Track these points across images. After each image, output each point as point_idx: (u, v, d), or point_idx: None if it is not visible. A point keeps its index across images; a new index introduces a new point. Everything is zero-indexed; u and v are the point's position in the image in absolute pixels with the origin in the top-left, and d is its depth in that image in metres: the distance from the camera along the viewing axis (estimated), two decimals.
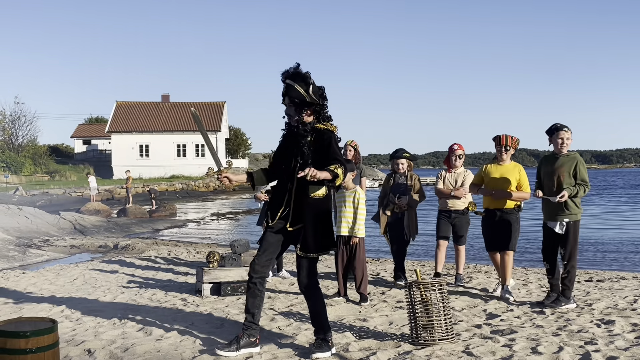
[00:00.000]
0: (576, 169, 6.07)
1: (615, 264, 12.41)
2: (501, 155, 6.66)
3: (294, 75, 4.49)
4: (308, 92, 4.45)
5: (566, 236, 6.12)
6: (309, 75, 4.49)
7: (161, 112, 61.07)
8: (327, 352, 4.55)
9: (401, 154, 7.61)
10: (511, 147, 6.62)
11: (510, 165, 6.67)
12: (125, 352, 4.74)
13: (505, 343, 4.84)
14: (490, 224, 6.66)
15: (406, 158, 7.60)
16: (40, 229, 17.18)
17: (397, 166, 7.58)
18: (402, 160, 7.57)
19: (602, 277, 8.57)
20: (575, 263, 6.17)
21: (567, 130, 6.17)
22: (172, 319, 5.84)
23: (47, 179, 53.33)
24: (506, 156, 6.65)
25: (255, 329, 4.68)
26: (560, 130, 6.16)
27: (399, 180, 7.57)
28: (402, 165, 7.56)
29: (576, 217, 6.16)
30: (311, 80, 4.48)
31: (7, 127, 58.83)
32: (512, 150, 6.64)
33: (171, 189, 47.37)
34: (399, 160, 7.57)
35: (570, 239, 6.12)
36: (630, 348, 4.62)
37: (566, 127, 6.19)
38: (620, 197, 39.89)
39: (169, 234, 19.62)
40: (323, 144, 4.49)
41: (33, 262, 11.46)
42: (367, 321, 5.69)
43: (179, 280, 8.37)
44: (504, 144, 6.61)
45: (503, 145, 6.62)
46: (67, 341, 5.03)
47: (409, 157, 7.64)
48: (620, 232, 18.52)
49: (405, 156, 7.59)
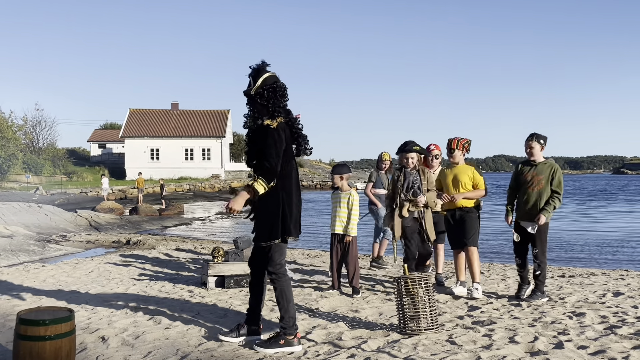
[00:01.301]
0: (552, 178, 6.09)
1: (586, 261, 12.43)
2: (450, 158, 6.57)
3: (253, 70, 4.31)
4: (253, 87, 4.23)
5: (538, 236, 6.14)
6: (260, 69, 4.27)
7: (171, 118, 60.99)
8: (278, 348, 4.32)
9: (411, 147, 6.33)
10: (457, 149, 6.49)
11: (463, 167, 6.54)
12: (137, 340, 4.72)
13: (485, 333, 4.84)
14: (453, 223, 6.56)
15: (417, 152, 6.36)
16: (59, 225, 17.13)
17: (407, 160, 6.28)
18: (412, 154, 6.29)
19: (574, 273, 8.58)
20: (545, 259, 6.20)
21: (532, 139, 6.17)
22: (180, 309, 5.82)
23: (65, 179, 53.20)
24: (457, 158, 6.53)
25: (295, 327, 4.45)
26: (527, 140, 6.22)
27: (410, 176, 6.26)
28: (412, 160, 6.28)
29: (549, 220, 6.18)
30: (262, 75, 4.24)
31: (29, 132, 58.69)
32: (461, 151, 6.51)
33: (179, 190, 47.31)
34: (408, 154, 6.27)
35: (541, 238, 6.16)
36: (599, 338, 4.63)
37: (535, 136, 6.19)
38: (591, 201, 40.01)
39: (177, 231, 19.56)
40: (258, 141, 4.25)
41: (52, 255, 11.42)
42: (358, 312, 5.69)
43: (186, 274, 8.35)
44: (451, 147, 6.54)
45: (450, 148, 6.55)
46: (82, 329, 5.02)
47: (419, 150, 6.41)
48: (590, 232, 18.58)
49: (416, 149, 6.36)
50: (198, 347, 4.53)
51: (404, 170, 6.28)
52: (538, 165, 6.17)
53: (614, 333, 4.76)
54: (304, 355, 4.26)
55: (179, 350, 4.43)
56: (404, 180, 6.21)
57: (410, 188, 6.17)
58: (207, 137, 59.16)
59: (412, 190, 6.17)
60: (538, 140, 6.18)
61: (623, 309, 5.74)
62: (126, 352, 4.41)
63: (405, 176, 6.23)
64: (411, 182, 6.19)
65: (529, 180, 6.15)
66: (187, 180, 54.73)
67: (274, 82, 4.28)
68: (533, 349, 4.38)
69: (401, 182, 6.21)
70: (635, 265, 11.41)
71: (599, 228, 20.16)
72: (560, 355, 4.17)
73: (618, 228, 20.43)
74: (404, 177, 6.23)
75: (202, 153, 59.52)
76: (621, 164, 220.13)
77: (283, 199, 4.28)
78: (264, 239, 4.35)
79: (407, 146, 6.30)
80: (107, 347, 4.54)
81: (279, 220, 4.28)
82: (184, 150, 59.27)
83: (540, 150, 6.20)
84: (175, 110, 62.49)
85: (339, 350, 4.38)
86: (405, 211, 6.13)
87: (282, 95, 4.31)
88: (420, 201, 6.13)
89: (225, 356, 4.29)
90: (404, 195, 6.16)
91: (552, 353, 4.23)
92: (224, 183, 54.38)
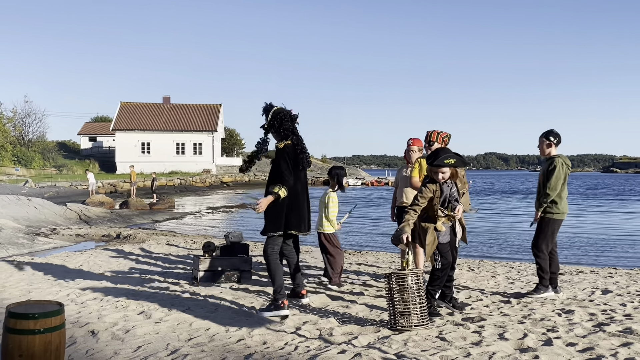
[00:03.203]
0: (548, 174, 6.13)
1: (574, 259, 12.52)
2: (428, 150, 6.44)
3: (263, 109, 5.56)
4: (267, 122, 5.49)
5: (537, 229, 6.22)
6: (268, 107, 5.54)
7: (162, 112, 60.71)
8: (271, 312, 5.25)
9: (443, 160, 5.10)
10: (435, 142, 6.36)
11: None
12: (127, 334, 4.71)
13: (475, 329, 4.86)
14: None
15: (450, 166, 5.14)
16: (48, 218, 17.02)
17: (438, 176, 5.16)
18: (445, 169, 5.15)
19: (563, 271, 8.63)
20: (540, 254, 6.16)
21: (542, 137, 6.31)
22: (170, 304, 5.81)
23: (55, 172, 52.85)
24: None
25: (282, 294, 5.33)
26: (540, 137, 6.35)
27: (448, 189, 5.23)
28: (444, 175, 5.17)
29: (551, 215, 6.14)
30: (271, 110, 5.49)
31: (18, 124, 58.25)
32: (440, 144, 6.34)
33: (170, 184, 47.12)
34: (439, 170, 5.14)
35: (537, 232, 6.20)
36: (587, 335, 4.67)
37: (544, 134, 6.30)
38: (580, 200, 40.27)
39: (167, 225, 19.49)
40: (276, 159, 5.45)
41: (41, 249, 11.35)
42: (349, 308, 5.70)
43: (177, 268, 8.33)
44: (430, 139, 6.41)
45: (429, 141, 6.43)
46: (72, 323, 5.00)
47: (453, 164, 5.14)
48: (580, 231, 18.73)
49: (449, 163, 5.11)
50: (188, 341, 4.52)
51: (439, 186, 5.21)
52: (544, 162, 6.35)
53: (602, 330, 4.80)
54: (294, 351, 4.27)
55: (169, 345, 4.42)
56: (440, 195, 5.22)
57: (448, 202, 5.27)
58: (198, 131, 58.96)
59: (449, 205, 5.27)
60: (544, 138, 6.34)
61: (611, 306, 5.79)
62: (116, 347, 4.39)
63: (442, 191, 5.22)
64: (448, 195, 5.27)
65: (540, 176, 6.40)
66: (178, 174, 54.53)
67: (280, 113, 5.46)
68: (522, 346, 4.41)
69: (438, 197, 5.20)
70: (623, 263, 11.51)
71: (589, 226, 20.33)
72: (549, 352, 4.20)
73: (608, 226, 20.61)
74: (441, 191, 5.22)
75: (194, 147, 59.32)
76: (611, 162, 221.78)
77: (286, 201, 5.34)
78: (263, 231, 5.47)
79: (437, 158, 5.13)
80: (97, 342, 4.52)
81: (283, 216, 5.37)
82: (175, 145, 59.04)
83: (546, 147, 6.29)
84: (166, 104, 62.21)
85: (329, 345, 4.38)
86: (440, 225, 5.27)
87: (288, 120, 5.46)
88: (458, 213, 5.26)
89: (216, 351, 4.29)
90: (441, 211, 5.24)
91: (541, 350, 4.26)
92: (215, 178, 54.24)
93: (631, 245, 15.16)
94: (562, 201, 6.14)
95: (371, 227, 19.42)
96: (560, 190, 6.11)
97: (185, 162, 58.57)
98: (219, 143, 63.04)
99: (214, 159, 59.69)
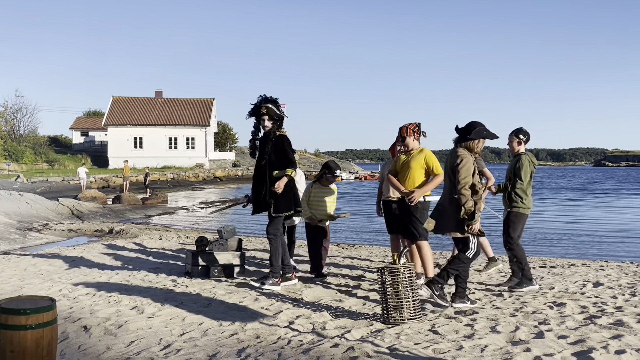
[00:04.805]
0: (516, 170, 6.30)
1: (566, 252, 12.59)
2: (401, 146, 6.32)
3: (269, 100, 6.19)
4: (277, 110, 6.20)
5: (505, 223, 6.32)
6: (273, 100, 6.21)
7: (154, 107, 60.42)
8: (266, 285, 6.07)
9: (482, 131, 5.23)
10: (407, 136, 6.17)
11: (415, 151, 6.19)
12: (119, 329, 4.70)
13: (467, 323, 4.89)
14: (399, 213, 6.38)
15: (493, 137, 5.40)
16: (40, 213, 16.93)
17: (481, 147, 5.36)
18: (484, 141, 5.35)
19: (555, 264, 8.69)
20: (514, 245, 6.23)
21: (512, 134, 6.46)
22: (163, 299, 5.80)
23: (46, 167, 52.56)
24: (410, 145, 6.17)
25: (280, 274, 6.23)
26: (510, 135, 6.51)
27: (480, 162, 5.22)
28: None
29: (517, 210, 6.26)
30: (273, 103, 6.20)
31: (9, 119, 57.82)
32: (412, 137, 6.17)
33: (163, 179, 47.00)
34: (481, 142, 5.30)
35: (506, 225, 6.29)
36: (579, 328, 4.70)
37: (514, 132, 6.46)
38: (573, 194, 40.49)
39: (160, 220, 19.46)
40: (280, 146, 6.13)
41: (33, 244, 11.30)
42: (342, 302, 5.71)
43: (170, 263, 8.31)
44: (402, 135, 6.23)
45: (401, 137, 6.25)
46: (64, 318, 4.98)
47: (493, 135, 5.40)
48: (571, 224, 18.82)
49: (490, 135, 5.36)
50: (181, 336, 4.52)
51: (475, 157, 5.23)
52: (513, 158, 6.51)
53: (593, 323, 4.83)
54: (287, 345, 4.27)
55: (162, 340, 4.42)
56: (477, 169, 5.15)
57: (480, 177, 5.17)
58: (191, 125, 58.75)
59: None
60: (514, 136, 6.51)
61: (603, 299, 5.83)
62: (109, 342, 4.39)
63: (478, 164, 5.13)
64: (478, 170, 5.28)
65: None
66: (171, 169, 54.36)
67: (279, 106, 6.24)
68: (514, 339, 4.43)
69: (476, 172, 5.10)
70: (614, 256, 11.58)
71: (580, 220, 20.44)
72: (540, 345, 4.22)
73: (599, 220, 20.72)
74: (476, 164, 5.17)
75: (186, 142, 59.12)
76: (602, 156, 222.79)
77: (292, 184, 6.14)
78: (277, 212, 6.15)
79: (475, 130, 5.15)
80: (89, 337, 4.51)
81: (292, 196, 6.17)
82: (168, 139, 58.80)
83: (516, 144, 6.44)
84: (159, 98, 61.89)
85: (322, 339, 4.39)
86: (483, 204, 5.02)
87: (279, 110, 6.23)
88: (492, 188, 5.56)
89: (209, 345, 4.28)
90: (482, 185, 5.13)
91: (533, 342, 4.28)
92: (208, 172, 54.11)
93: (622, 239, 15.26)
94: (528, 197, 6.32)
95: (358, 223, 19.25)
96: (526, 186, 6.28)
97: (178, 156, 58.36)
98: (211, 137, 62.83)
99: (207, 154, 59.52)
